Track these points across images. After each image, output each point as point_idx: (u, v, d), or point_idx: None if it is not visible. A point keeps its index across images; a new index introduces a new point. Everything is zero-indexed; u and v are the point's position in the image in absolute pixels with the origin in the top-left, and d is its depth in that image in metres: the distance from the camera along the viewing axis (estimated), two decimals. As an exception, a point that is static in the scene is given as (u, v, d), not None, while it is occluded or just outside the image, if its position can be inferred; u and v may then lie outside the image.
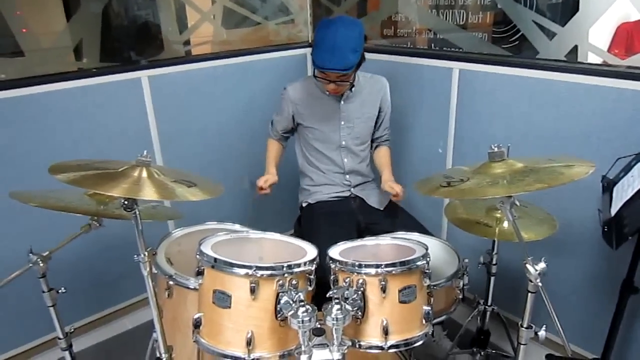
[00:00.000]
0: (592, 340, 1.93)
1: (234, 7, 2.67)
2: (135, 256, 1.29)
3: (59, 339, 1.59)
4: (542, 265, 1.20)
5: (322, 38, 1.77)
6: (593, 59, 1.84)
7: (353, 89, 1.97)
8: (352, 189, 2.08)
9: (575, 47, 1.86)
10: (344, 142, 2.03)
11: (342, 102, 1.98)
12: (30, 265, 1.45)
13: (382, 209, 2.04)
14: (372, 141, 2.15)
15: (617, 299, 1.66)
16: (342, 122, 2.00)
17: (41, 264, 1.45)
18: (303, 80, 2.04)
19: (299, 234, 2.08)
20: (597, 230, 1.56)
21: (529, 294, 1.28)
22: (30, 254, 1.45)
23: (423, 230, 1.92)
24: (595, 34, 1.81)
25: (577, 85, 1.79)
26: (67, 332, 1.61)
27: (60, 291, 1.53)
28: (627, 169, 1.57)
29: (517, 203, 1.26)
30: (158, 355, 1.47)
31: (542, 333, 1.29)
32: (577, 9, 1.83)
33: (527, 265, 1.20)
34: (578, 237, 1.89)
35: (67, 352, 1.64)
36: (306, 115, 1.99)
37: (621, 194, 1.49)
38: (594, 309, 1.95)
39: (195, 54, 2.60)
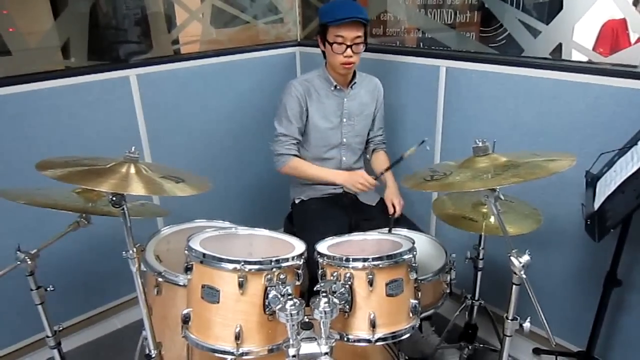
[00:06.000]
0: (576, 333, 1.95)
1: (223, 6, 2.67)
2: (124, 252, 1.29)
3: (48, 337, 1.59)
4: (526, 257, 1.22)
5: (333, 3, 1.86)
6: (577, 56, 1.87)
7: (355, 85, 2.00)
8: (344, 187, 2.09)
9: (560, 45, 1.89)
10: (345, 140, 2.04)
11: (345, 100, 1.99)
12: (18, 262, 1.44)
13: (373, 204, 2.06)
14: (368, 142, 2.17)
15: (600, 292, 1.69)
16: (345, 120, 2.01)
17: (29, 262, 1.44)
18: (306, 76, 2.01)
19: (289, 231, 2.09)
20: (581, 224, 1.59)
21: (514, 286, 1.30)
22: (18, 252, 1.45)
23: (412, 226, 1.94)
24: (582, 32, 1.84)
25: (562, 82, 1.81)
26: (55, 330, 1.60)
27: (48, 289, 1.53)
28: (610, 164, 1.60)
29: (502, 197, 1.28)
30: (147, 352, 1.47)
31: (526, 325, 1.31)
32: (561, 8, 1.86)
33: (512, 258, 1.22)
34: (562, 232, 1.92)
35: (55, 351, 1.63)
36: (311, 112, 1.96)
37: (604, 189, 1.52)
38: (578, 302, 1.98)
39: (184, 53, 2.60)
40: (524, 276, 1.21)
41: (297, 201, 2.12)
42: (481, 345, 2.01)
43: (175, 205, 1.82)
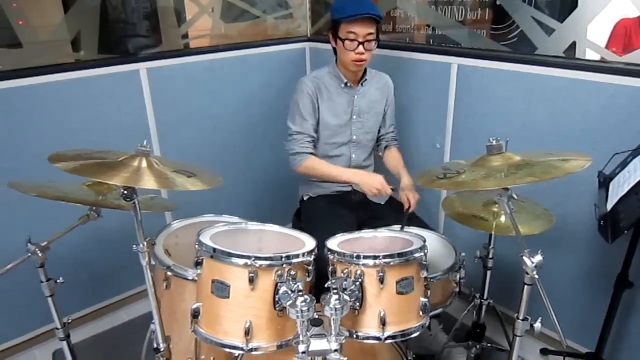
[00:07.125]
0: (585, 334, 1.94)
1: (233, 1, 2.66)
2: (134, 246, 1.29)
3: (57, 329, 1.59)
4: (538, 257, 1.21)
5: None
6: (591, 55, 1.85)
7: (365, 82, 1.99)
8: (353, 185, 2.07)
9: (574, 43, 1.87)
10: (354, 137, 2.02)
11: (355, 97, 1.98)
12: (29, 255, 1.44)
13: (382, 203, 2.05)
14: (379, 139, 2.16)
15: (611, 294, 1.68)
16: (354, 117, 2.00)
17: (39, 254, 1.45)
18: (316, 73, 2.00)
19: (298, 227, 2.09)
20: (593, 225, 1.58)
21: (525, 286, 1.28)
22: (29, 244, 1.45)
23: (423, 225, 1.93)
24: (594, 31, 1.82)
25: (575, 81, 1.79)
26: (64, 322, 1.61)
27: (58, 281, 1.53)
28: (624, 164, 1.58)
29: (515, 196, 1.27)
30: (155, 345, 1.47)
31: (537, 325, 1.30)
32: (575, 5, 1.84)
33: (524, 258, 1.21)
34: (574, 232, 1.91)
35: (64, 343, 1.63)
36: (322, 109, 1.95)
37: (617, 190, 1.51)
38: (588, 303, 1.96)
39: (193, 47, 2.59)
40: (536, 276, 1.20)
41: (305, 198, 2.11)
42: (489, 345, 2.00)
43: (184, 199, 1.81)
